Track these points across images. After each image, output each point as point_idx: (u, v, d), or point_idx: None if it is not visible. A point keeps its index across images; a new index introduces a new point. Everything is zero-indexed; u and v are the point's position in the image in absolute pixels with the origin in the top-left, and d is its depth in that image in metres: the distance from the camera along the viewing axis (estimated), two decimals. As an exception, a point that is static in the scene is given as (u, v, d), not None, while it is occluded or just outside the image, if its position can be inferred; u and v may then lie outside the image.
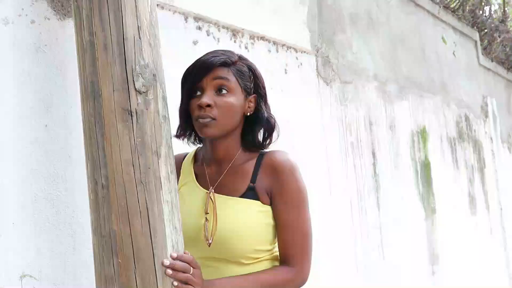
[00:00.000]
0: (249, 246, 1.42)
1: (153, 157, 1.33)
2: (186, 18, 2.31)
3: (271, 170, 1.45)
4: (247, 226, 1.41)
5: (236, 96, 1.45)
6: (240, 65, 1.49)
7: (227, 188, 1.46)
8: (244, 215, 1.42)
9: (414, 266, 3.83)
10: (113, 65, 1.34)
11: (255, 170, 1.46)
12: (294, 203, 1.43)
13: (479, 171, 5.27)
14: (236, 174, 1.48)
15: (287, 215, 1.43)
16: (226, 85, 1.44)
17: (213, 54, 1.47)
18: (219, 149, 1.49)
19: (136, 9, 1.38)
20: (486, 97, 5.74)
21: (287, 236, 1.43)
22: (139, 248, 1.29)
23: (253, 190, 1.44)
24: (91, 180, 1.35)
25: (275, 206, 1.44)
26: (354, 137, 3.36)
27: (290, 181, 1.43)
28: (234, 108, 1.44)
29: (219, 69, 1.44)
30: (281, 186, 1.43)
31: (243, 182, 1.46)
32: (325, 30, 3.22)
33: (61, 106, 1.72)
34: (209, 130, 1.42)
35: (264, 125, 1.51)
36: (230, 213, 1.42)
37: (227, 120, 1.44)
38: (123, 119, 1.32)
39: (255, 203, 1.43)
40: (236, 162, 1.49)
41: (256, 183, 1.45)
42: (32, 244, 1.60)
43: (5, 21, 1.61)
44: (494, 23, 6.20)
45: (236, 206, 1.43)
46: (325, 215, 3.00)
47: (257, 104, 1.51)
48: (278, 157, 1.46)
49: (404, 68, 4.14)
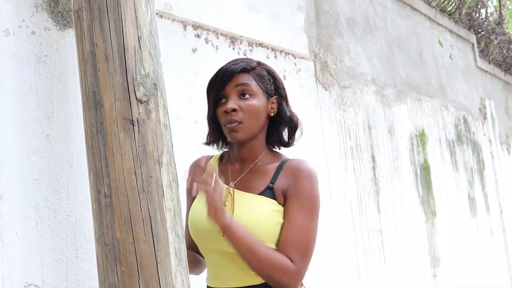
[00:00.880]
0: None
1: (155, 165, 1.35)
2: (185, 26, 2.33)
3: (291, 172, 1.50)
4: (260, 221, 1.44)
5: (259, 98, 1.53)
6: (259, 69, 1.57)
7: (247, 186, 1.52)
8: (259, 211, 1.46)
9: (416, 269, 3.84)
10: (114, 75, 1.35)
11: (276, 172, 1.52)
12: (305, 206, 1.47)
13: (478, 173, 5.28)
14: (257, 173, 1.54)
15: (295, 215, 1.46)
16: (248, 90, 1.52)
17: (233, 62, 1.55)
18: (245, 149, 1.56)
19: (136, 20, 1.39)
20: (484, 99, 5.75)
21: (291, 235, 1.45)
22: (142, 256, 1.30)
23: (271, 190, 1.49)
24: (94, 189, 1.35)
25: (286, 206, 1.48)
26: (353, 141, 3.37)
27: (306, 186, 1.48)
28: (258, 109, 1.52)
29: (240, 75, 1.52)
30: (296, 188, 1.48)
31: (263, 182, 1.51)
32: (322, 36, 3.24)
33: (62, 116, 1.74)
34: (238, 134, 1.49)
35: (288, 124, 1.59)
36: (246, 208, 1.46)
37: (253, 122, 1.51)
38: (125, 128, 1.33)
39: (271, 201, 1.48)
40: (259, 163, 1.56)
41: (275, 184, 1.50)
42: (35, 253, 1.61)
43: (6, 33, 1.63)
44: (490, 26, 6.22)
45: (253, 201, 1.48)
46: (326, 219, 3.01)
47: (279, 104, 1.59)
48: (300, 163, 1.52)
49: (402, 72, 4.16)
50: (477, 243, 4.89)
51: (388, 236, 3.54)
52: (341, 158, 3.23)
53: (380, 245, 3.45)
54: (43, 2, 1.74)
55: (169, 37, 2.23)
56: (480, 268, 4.82)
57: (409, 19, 4.45)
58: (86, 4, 1.40)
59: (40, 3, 1.73)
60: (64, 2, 1.80)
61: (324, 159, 3.08)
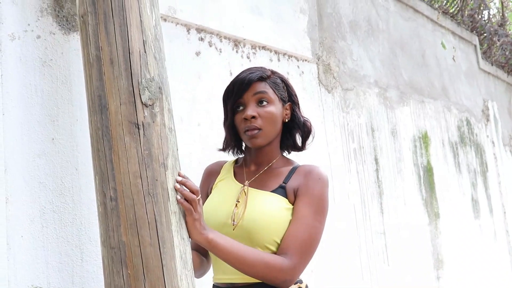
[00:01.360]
0: (269, 236, 1.48)
1: (160, 169, 1.35)
2: (189, 30, 2.34)
3: (303, 174, 1.57)
4: (271, 217, 1.49)
5: (275, 105, 1.60)
6: (274, 78, 1.64)
7: (260, 184, 1.59)
8: (271, 208, 1.51)
9: (419, 271, 3.83)
10: (120, 79, 1.36)
11: (289, 174, 1.59)
12: (313, 206, 1.52)
13: (481, 175, 5.27)
14: (271, 174, 1.61)
15: (302, 212, 1.51)
16: (265, 97, 1.59)
17: (250, 71, 1.61)
18: (262, 154, 1.63)
19: (141, 24, 1.40)
20: (487, 101, 5.75)
21: (294, 230, 1.48)
22: (148, 258, 1.30)
23: (283, 189, 1.56)
24: (100, 192, 1.36)
25: (296, 203, 1.54)
26: (356, 144, 3.38)
27: (316, 187, 1.54)
28: (275, 116, 1.59)
29: (257, 83, 1.59)
30: (307, 187, 1.54)
31: (276, 181, 1.58)
32: (325, 38, 3.25)
33: (67, 120, 1.75)
34: (257, 140, 1.56)
35: (302, 129, 1.68)
36: (258, 204, 1.52)
37: (271, 128, 1.58)
38: (130, 132, 1.34)
39: (282, 199, 1.54)
40: (273, 165, 1.63)
41: (287, 184, 1.57)
42: (41, 256, 1.61)
43: (12, 37, 1.64)
44: (493, 27, 6.22)
45: (265, 198, 1.54)
46: (329, 221, 3.01)
47: (293, 110, 1.67)
48: (314, 167, 1.59)
49: (405, 74, 4.16)
50: (481, 245, 4.88)
51: (391, 238, 3.54)
52: (344, 160, 3.24)
53: (384, 247, 3.45)
54: (48, 6, 1.76)
55: (173, 40, 2.24)
56: (484, 270, 4.81)
57: (412, 21, 4.45)
58: (91, 8, 1.40)
59: (45, 7, 1.75)
60: (68, 6, 1.81)
61: (328, 161, 3.09)
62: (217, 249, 1.40)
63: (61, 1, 1.79)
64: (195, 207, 1.39)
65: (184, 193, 1.38)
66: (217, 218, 1.54)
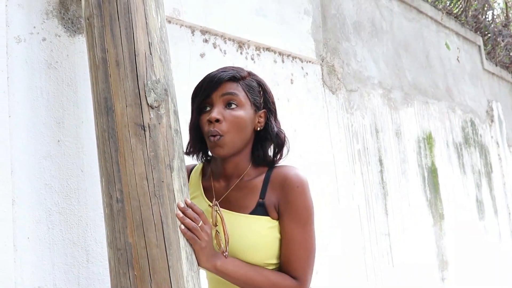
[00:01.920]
0: (260, 260, 1.42)
1: (166, 170, 1.35)
2: (193, 31, 2.34)
3: (279, 185, 1.43)
4: (258, 242, 1.41)
5: (246, 110, 1.44)
6: (249, 80, 1.49)
7: (236, 204, 1.46)
8: (256, 233, 1.42)
9: (424, 273, 3.83)
10: (125, 81, 1.36)
11: (264, 185, 1.45)
12: (301, 220, 1.42)
13: (486, 175, 5.26)
14: (245, 189, 1.47)
15: (293, 230, 1.42)
16: (235, 100, 1.43)
17: (223, 70, 1.47)
18: (229, 165, 1.48)
19: (146, 26, 1.41)
20: (491, 101, 5.74)
21: (292, 251, 1.42)
22: (154, 260, 1.30)
23: (263, 206, 1.43)
24: (106, 194, 1.36)
25: (282, 221, 1.43)
26: (361, 145, 3.37)
27: (298, 198, 1.41)
28: (244, 121, 1.43)
29: (227, 84, 1.44)
30: (288, 202, 1.41)
31: (252, 198, 1.45)
32: (329, 39, 3.25)
33: (73, 121, 1.75)
34: (221, 150, 1.41)
35: (274, 140, 1.50)
36: (242, 231, 1.42)
37: (237, 135, 1.42)
38: (136, 133, 1.34)
39: (265, 219, 1.43)
40: (244, 178, 1.48)
41: (265, 199, 1.43)
42: (47, 257, 1.62)
43: (17, 40, 1.64)
44: (497, 28, 6.21)
45: (246, 223, 1.43)
46: (334, 222, 3.01)
47: (267, 119, 1.50)
48: (287, 173, 1.44)
49: (409, 75, 4.16)
50: (485, 246, 4.87)
51: (396, 239, 3.54)
52: (349, 161, 3.23)
53: (388, 248, 3.45)
54: (54, 9, 1.76)
55: (178, 42, 2.25)
56: (489, 271, 4.80)
57: (416, 22, 4.45)
58: (97, 11, 1.41)
59: (51, 10, 1.75)
60: (74, 8, 1.82)
61: (332, 162, 3.09)
62: (226, 275, 1.38)
63: (67, 3, 1.80)
64: (198, 235, 1.34)
65: (185, 222, 1.34)
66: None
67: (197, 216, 1.36)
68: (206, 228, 1.37)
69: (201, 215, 1.37)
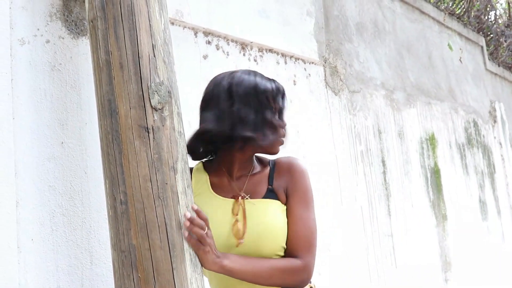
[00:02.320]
0: (278, 244, 1.48)
1: (170, 172, 1.36)
2: (196, 33, 2.35)
3: (285, 170, 1.57)
4: (275, 224, 1.48)
5: None
6: None
7: (249, 193, 1.55)
8: (270, 214, 1.50)
9: (427, 274, 3.82)
10: (129, 83, 1.37)
11: (270, 174, 1.57)
12: (306, 200, 1.54)
13: (489, 176, 5.25)
14: (254, 180, 1.58)
15: (298, 210, 1.52)
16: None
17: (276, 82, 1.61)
18: (248, 161, 1.59)
19: (150, 28, 1.41)
20: (494, 102, 5.73)
21: (297, 230, 1.50)
22: (158, 262, 1.31)
23: (272, 192, 1.54)
24: (110, 196, 1.37)
25: (289, 203, 1.54)
26: (363, 146, 3.37)
27: (302, 181, 1.56)
28: None
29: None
30: (295, 184, 1.55)
31: (262, 186, 1.56)
32: (332, 41, 3.25)
33: (76, 123, 1.76)
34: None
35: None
36: (258, 215, 1.49)
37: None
38: (140, 135, 1.35)
39: (276, 202, 1.53)
40: (253, 171, 1.60)
41: (274, 185, 1.55)
42: (51, 259, 1.62)
43: (21, 42, 1.65)
44: (499, 28, 6.20)
45: (261, 206, 1.51)
46: (337, 223, 3.01)
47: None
48: (291, 159, 1.59)
49: (411, 76, 4.16)
50: (489, 247, 4.86)
51: (399, 240, 3.53)
52: (352, 162, 3.23)
53: (391, 249, 3.45)
54: (57, 11, 1.77)
55: (180, 44, 2.25)
56: (492, 272, 4.79)
57: (418, 22, 4.45)
58: (101, 13, 1.41)
59: (54, 12, 1.76)
60: (77, 11, 1.82)
61: (335, 163, 3.09)
62: (233, 274, 1.40)
63: (70, 5, 1.80)
64: (203, 241, 1.37)
65: (193, 231, 1.36)
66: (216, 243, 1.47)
67: (203, 223, 1.38)
68: (210, 233, 1.41)
69: (207, 221, 1.40)
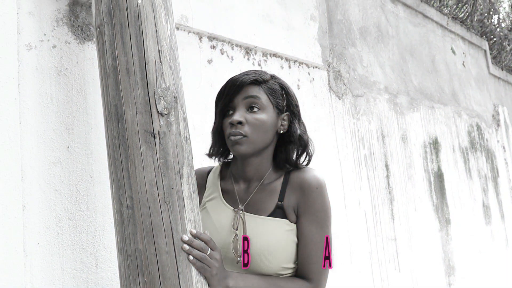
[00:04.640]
0: (277, 264, 1.43)
1: (176, 177, 1.36)
2: (201, 38, 2.36)
3: (298, 188, 1.44)
4: (276, 245, 1.41)
5: (268, 113, 1.46)
6: (272, 83, 1.50)
7: (255, 207, 1.47)
8: (274, 235, 1.42)
9: (430, 278, 3.82)
10: (136, 89, 1.38)
11: (283, 188, 1.46)
12: (319, 221, 1.43)
13: (492, 180, 5.24)
14: (264, 192, 1.48)
15: (311, 232, 1.43)
16: (257, 103, 1.45)
17: (245, 73, 1.48)
18: (250, 167, 1.49)
19: (156, 34, 1.42)
20: (497, 106, 5.73)
21: (309, 253, 1.44)
22: (164, 266, 1.31)
23: (281, 209, 1.44)
24: (116, 201, 1.37)
25: (300, 223, 1.44)
26: (367, 150, 3.38)
27: (316, 200, 1.42)
28: (266, 124, 1.44)
29: (250, 87, 1.46)
30: (307, 204, 1.42)
31: (271, 201, 1.46)
32: (335, 45, 3.26)
33: (82, 128, 1.77)
34: (241, 148, 1.42)
35: (297, 143, 1.50)
36: (260, 233, 1.42)
37: (259, 137, 1.43)
38: (146, 141, 1.35)
39: (283, 221, 1.44)
40: (265, 181, 1.49)
41: (284, 201, 1.45)
42: (56, 263, 1.63)
43: (28, 47, 1.66)
44: (503, 32, 6.21)
45: (265, 225, 1.43)
46: (340, 227, 3.01)
47: (290, 121, 1.51)
48: (306, 175, 1.45)
49: (415, 80, 4.16)
50: (492, 251, 4.85)
51: (402, 244, 3.53)
52: (355, 166, 3.24)
53: (395, 253, 3.45)
54: (64, 16, 1.78)
55: (185, 48, 2.26)
56: (496, 276, 4.78)
57: (421, 27, 4.45)
58: (107, 19, 1.42)
59: (61, 17, 1.77)
60: (83, 16, 1.83)
61: (338, 168, 3.09)
62: None
63: (76, 11, 1.82)
64: (208, 264, 1.33)
65: (193, 253, 1.33)
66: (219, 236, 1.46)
67: (204, 245, 1.35)
68: (215, 254, 1.35)
69: (209, 243, 1.35)
